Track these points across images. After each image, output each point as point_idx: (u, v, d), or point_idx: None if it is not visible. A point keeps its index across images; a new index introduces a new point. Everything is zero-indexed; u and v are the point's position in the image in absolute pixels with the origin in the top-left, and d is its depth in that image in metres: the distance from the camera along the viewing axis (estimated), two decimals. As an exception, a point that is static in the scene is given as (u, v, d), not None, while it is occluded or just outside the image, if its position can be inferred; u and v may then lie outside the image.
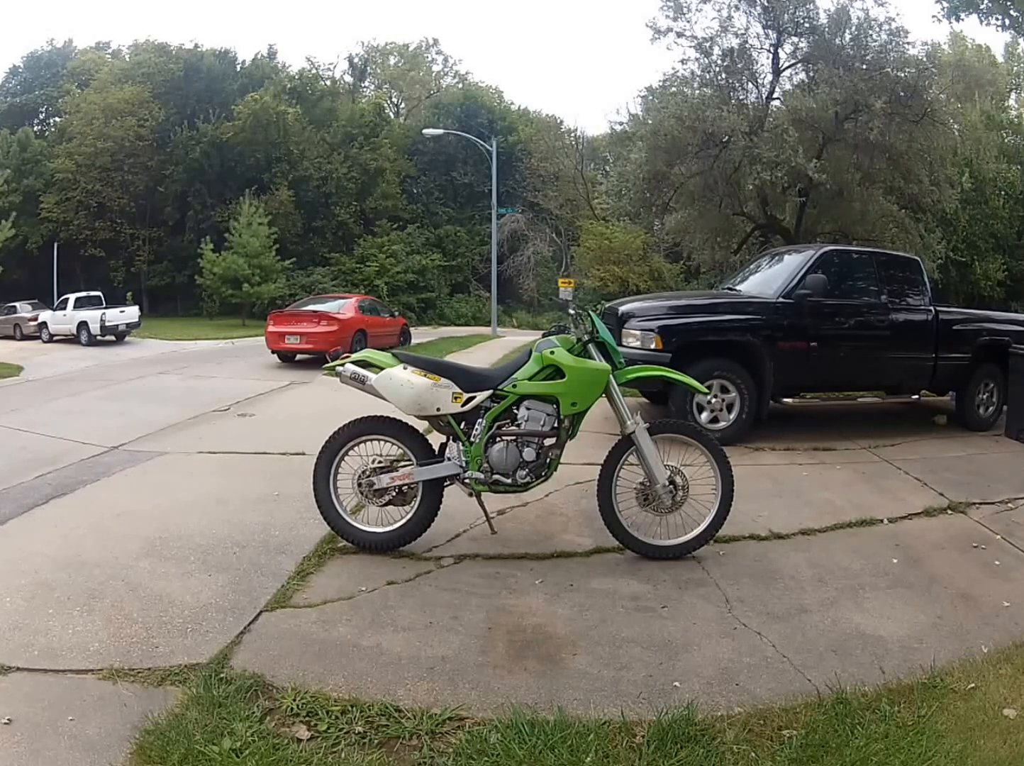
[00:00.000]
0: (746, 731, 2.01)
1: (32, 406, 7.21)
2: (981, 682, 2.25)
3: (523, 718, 2.02)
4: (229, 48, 32.83)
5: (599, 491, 3.16)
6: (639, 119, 16.27)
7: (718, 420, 5.36)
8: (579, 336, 3.17)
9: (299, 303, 13.61)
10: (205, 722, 1.98)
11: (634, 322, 5.55)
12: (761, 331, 5.48)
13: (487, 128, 29.71)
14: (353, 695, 2.15)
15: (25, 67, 33.55)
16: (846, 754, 1.91)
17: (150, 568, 2.99)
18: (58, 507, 3.79)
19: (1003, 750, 1.93)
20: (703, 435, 3.27)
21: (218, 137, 28.26)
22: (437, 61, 41.97)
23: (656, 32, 14.05)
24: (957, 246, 19.50)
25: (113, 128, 27.55)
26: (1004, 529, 3.63)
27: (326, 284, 26.33)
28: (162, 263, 29.41)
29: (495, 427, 3.11)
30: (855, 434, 5.77)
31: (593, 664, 2.36)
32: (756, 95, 14.13)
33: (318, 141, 30.04)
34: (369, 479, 3.14)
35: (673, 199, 14.62)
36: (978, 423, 6.22)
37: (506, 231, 27.70)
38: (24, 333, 19.28)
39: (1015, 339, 6.14)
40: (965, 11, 11.90)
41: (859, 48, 12.78)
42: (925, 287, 6.23)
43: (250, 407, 6.88)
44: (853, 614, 2.72)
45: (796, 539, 3.48)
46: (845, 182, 12.64)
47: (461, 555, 3.19)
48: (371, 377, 3.12)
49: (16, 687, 2.14)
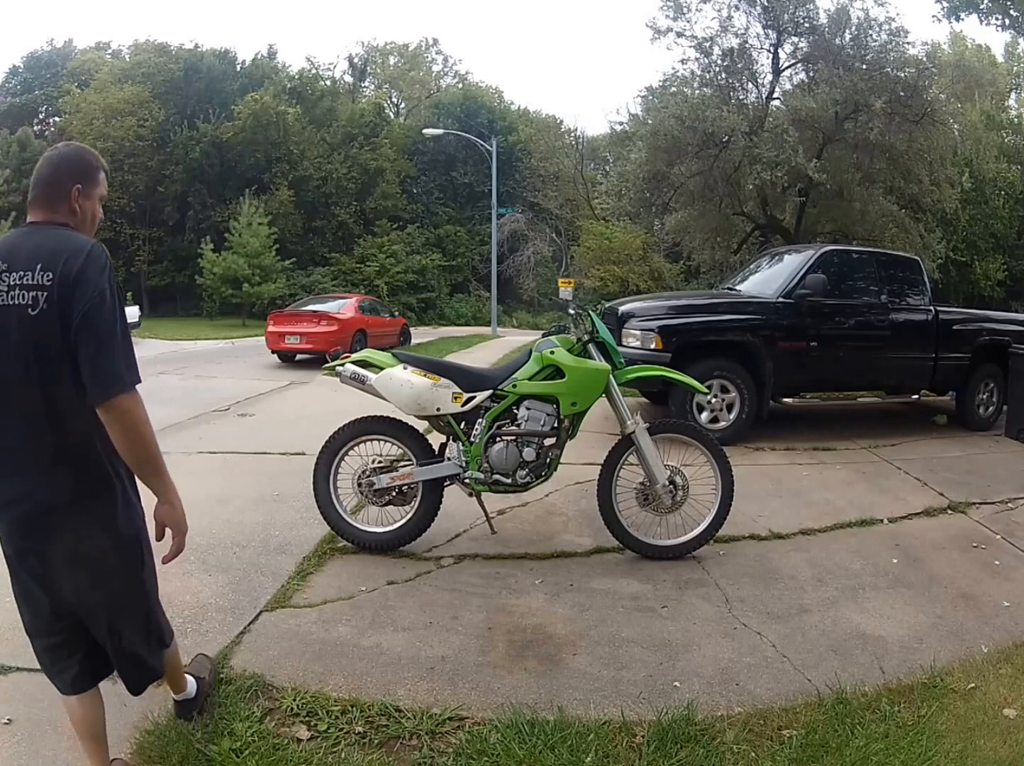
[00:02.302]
0: (746, 731, 2.01)
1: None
2: (981, 682, 2.25)
3: (523, 718, 2.02)
4: (229, 48, 32.80)
5: (599, 491, 3.16)
6: (639, 119, 16.30)
7: (718, 420, 5.36)
8: (579, 336, 3.17)
9: (299, 303, 13.59)
10: (205, 722, 1.99)
11: (634, 322, 5.55)
12: (761, 331, 5.48)
13: (487, 128, 29.69)
14: (353, 695, 2.15)
15: (25, 67, 33.53)
16: (846, 754, 1.91)
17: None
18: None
19: (1003, 750, 1.93)
20: (703, 435, 3.27)
21: (218, 137, 28.23)
22: (437, 61, 41.99)
23: (656, 32, 14.09)
24: (957, 246, 19.51)
25: (113, 128, 27.52)
26: (1004, 529, 3.63)
27: (326, 284, 26.30)
28: (162, 263, 29.36)
29: (495, 427, 3.11)
30: (855, 434, 5.77)
31: (593, 664, 2.36)
32: (756, 95, 14.15)
33: (318, 141, 30.02)
34: (369, 479, 3.14)
35: (673, 199, 14.63)
36: (978, 423, 6.22)
37: (506, 231, 27.68)
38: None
39: (1015, 339, 6.15)
40: (965, 11, 11.91)
41: (859, 48, 12.79)
42: (925, 287, 6.23)
43: (250, 407, 6.87)
44: (853, 614, 2.72)
45: (796, 539, 3.49)
46: (845, 182, 12.65)
47: (461, 555, 3.19)
48: (371, 377, 3.12)
49: (16, 687, 2.14)
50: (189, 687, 1.99)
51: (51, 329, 1.39)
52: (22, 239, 1.49)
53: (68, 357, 1.40)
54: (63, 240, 1.47)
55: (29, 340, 1.40)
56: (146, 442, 1.47)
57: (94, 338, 1.39)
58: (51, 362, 1.41)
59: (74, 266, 1.40)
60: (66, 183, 1.55)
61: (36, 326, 1.39)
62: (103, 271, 1.43)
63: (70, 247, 1.44)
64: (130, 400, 1.42)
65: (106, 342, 1.40)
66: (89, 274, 1.40)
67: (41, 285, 1.39)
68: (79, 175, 1.58)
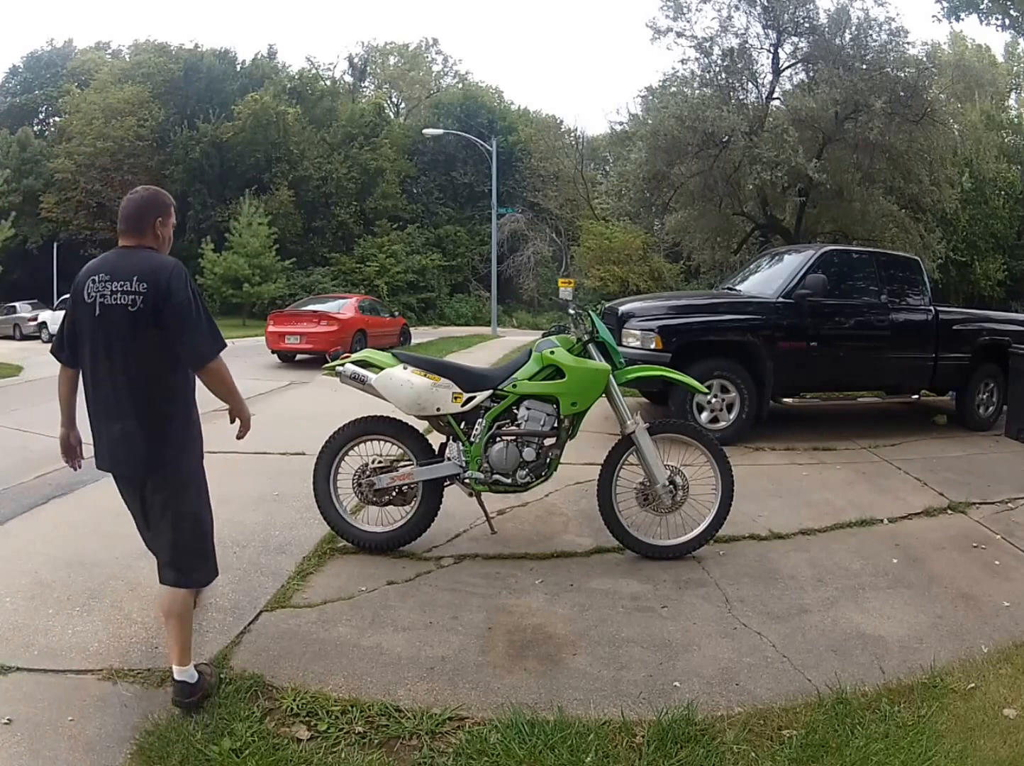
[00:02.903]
0: (746, 731, 2.01)
1: (32, 406, 7.21)
2: (981, 682, 2.25)
3: (523, 718, 2.02)
4: (229, 48, 32.85)
5: (599, 491, 3.16)
6: (639, 119, 16.30)
7: (718, 420, 5.35)
8: (579, 336, 3.17)
9: (299, 303, 13.59)
10: (205, 722, 1.99)
11: (634, 322, 5.54)
12: (761, 331, 5.48)
13: (487, 128, 29.70)
14: (353, 695, 2.15)
15: (25, 67, 33.54)
16: (846, 754, 1.91)
17: (150, 568, 2.96)
18: (58, 507, 3.79)
19: (1003, 750, 1.93)
20: (703, 435, 3.26)
21: (218, 137, 28.24)
22: (437, 61, 42.02)
23: (656, 32, 14.10)
24: (957, 246, 19.52)
25: (113, 128, 27.53)
26: (1004, 529, 3.63)
27: (326, 284, 26.32)
28: (162, 263, 29.37)
29: (495, 427, 3.10)
30: (855, 434, 5.77)
31: (593, 664, 2.36)
32: (756, 95, 14.16)
33: (318, 141, 30.02)
34: (369, 479, 3.14)
35: (673, 199, 14.64)
36: (978, 423, 6.22)
37: (506, 231, 27.69)
38: (24, 333, 19.27)
39: (1015, 339, 6.14)
40: (965, 11, 11.90)
41: (859, 48, 12.80)
42: (925, 287, 6.23)
43: (250, 407, 6.83)
44: (853, 614, 2.72)
45: (796, 539, 3.48)
46: (845, 182, 12.65)
47: (461, 555, 3.19)
48: (371, 377, 3.12)
49: (16, 687, 2.14)
50: (192, 671, 2.08)
51: (144, 321, 1.99)
52: (120, 259, 2.08)
53: (159, 343, 2.01)
54: (152, 260, 2.06)
55: (130, 330, 2.00)
56: (228, 385, 2.18)
57: (185, 329, 2.01)
58: (146, 346, 2.02)
59: (163, 279, 2.00)
60: (149, 217, 2.11)
61: (134, 319, 1.99)
62: (184, 281, 2.03)
63: (158, 265, 2.04)
64: (215, 364, 2.09)
65: (193, 331, 2.02)
66: (174, 285, 2.00)
67: (138, 291, 1.99)
68: (158, 210, 2.14)
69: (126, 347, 2.01)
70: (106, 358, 2.03)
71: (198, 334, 2.03)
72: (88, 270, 2.09)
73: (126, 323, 1.99)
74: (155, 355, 2.02)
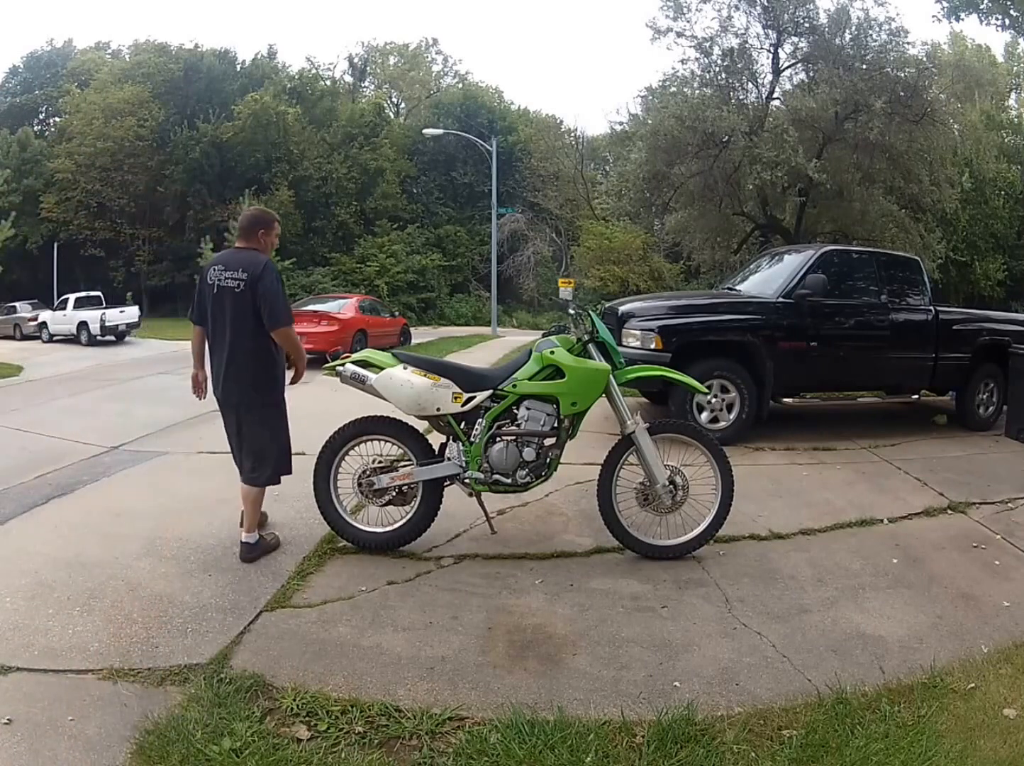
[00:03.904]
0: (746, 731, 2.01)
1: (32, 406, 7.21)
2: (981, 682, 2.25)
3: (523, 718, 2.02)
4: (229, 48, 32.80)
5: (599, 491, 3.16)
6: (639, 119, 16.29)
7: (718, 420, 5.35)
8: (579, 336, 3.17)
9: (299, 303, 13.58)
10: (205, 722, 1.99)
11: (634, 322, 5.54)
12: (761, 331, 5.48)
13: (487, 128, 29.69)
14: (353, 695, 2.15)
15: (25, 67, 33.53)
16: (846, 754, 1.91)
17: (150, 568, 2.99)
18: (58, 507, 3.79)
19: (1003, 750, 1.93)
20: (703, 435, 3.26)
21: (218, 137, 28.21)
22: (437, 61, 41.98)
23: (656, 32, 14.09)
24: (957, 246, 19.50)
25: (113, 128, 27.52)
26: (1004, 529, 3.63)
27: (326, 284, 26.28)
28: (162, 263, 29.35)
29: (495, 427, 3.11)
30: (855, 434, 5.77)
31: (593, 664, 2.36)
32: (756, 95, 14.16)
33: (318, 141, 30.01)
34: (369, 479, 3.14)
35: (673, 199, 14.63)
36: (978, 423, 6.21)
37: (506, 231, 27.68)
38: (24, 333, 19.26)
39: (1015, 339, 6.14)
40: (965, 11, 11.90)
41: (859, 48, 12.79)
42: (925, 287, 6.22)
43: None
44: (853, 614, 2.72)
45: (796, 539, 3.48)
46: (845, 182, 12.64)
47: (461, 555, 3.19)
48: (371, 377, 3.12)
49: (16, 687, 2.14)
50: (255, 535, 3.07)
51: (245, 299, 2.94)
52: (233, 255, 3.09)
53: (253, 313, 2.94)
54: (253, 258, 3.02)
55: (235, 304, 2.95)
56: (294, 344, 3.11)
57: (268, 304, 2.93)
58: (245, 315, 2.95)
59: (258, 270, 2.94)
60: (255, 228, 3.12)
61: (239, 298, 2.94)
62: (272, 273, 2.98)
63: (256, 262, 2.99)
64: (287, 329, 3.01)
65: (275, 306, 2.95)
66: (264, 275, 2.94)
67: (241, 278, 2.94)
68: (262, 224, 3.15)
69: (234, 315, 2.95)
70: (221, 322, 2.98)
71: (277, 307, 2.95)
72: (213, 261, 3.10)
73: (233, 299, 2.94)
74: (252, 321, 2.94)
